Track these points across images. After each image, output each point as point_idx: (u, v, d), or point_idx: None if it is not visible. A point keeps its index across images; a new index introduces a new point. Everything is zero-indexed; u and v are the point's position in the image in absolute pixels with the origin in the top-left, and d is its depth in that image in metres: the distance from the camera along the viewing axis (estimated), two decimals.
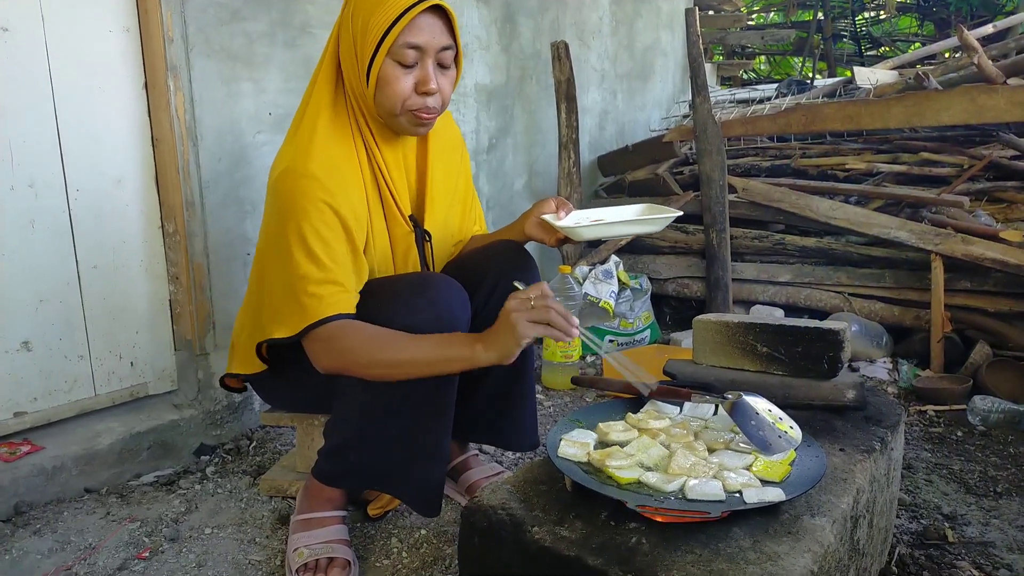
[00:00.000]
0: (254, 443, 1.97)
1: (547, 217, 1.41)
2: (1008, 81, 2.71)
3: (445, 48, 1.31)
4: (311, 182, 1.27)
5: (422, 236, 1.46)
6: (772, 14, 7.94)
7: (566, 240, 1.41)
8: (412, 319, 1.28)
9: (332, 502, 1.46)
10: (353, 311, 1.29)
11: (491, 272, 1.46)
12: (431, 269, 1.49)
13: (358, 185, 1.36)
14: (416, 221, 1.46)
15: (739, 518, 0.99)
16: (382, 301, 1.31)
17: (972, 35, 2.88)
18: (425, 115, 1.33)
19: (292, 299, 1.28)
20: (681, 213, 1.37)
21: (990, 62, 2.76)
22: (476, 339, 1.21)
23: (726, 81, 5.59)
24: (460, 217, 1.57)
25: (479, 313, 1.44)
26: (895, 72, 3.83)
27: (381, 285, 1.37)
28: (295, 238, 1.27)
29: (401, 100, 1.30)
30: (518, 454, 1.87)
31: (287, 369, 1.46)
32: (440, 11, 1.30)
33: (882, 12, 7.07)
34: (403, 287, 1.34)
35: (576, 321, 1.17)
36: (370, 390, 1.31)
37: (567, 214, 1.42)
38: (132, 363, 1.91)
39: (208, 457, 1.90)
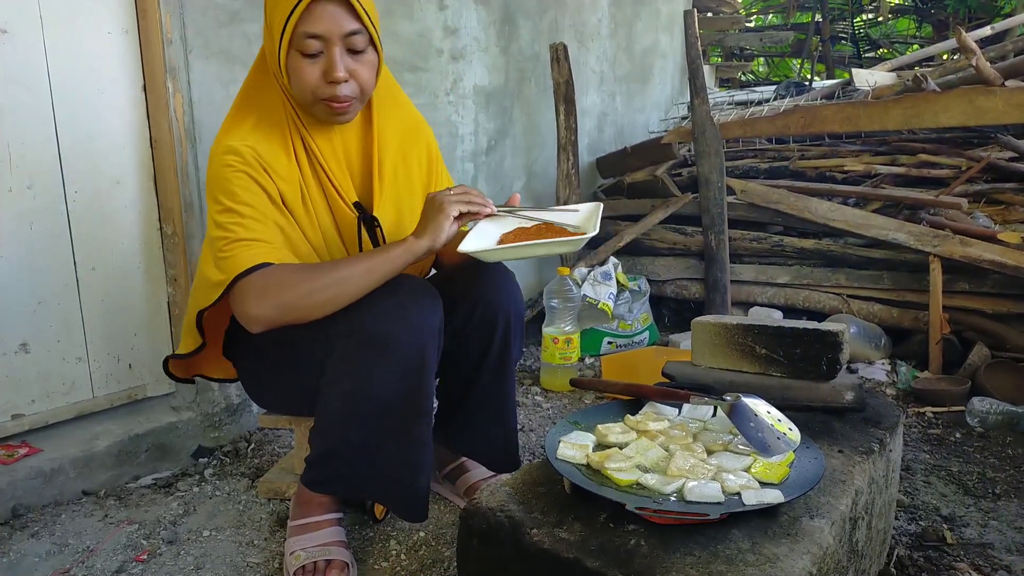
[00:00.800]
0: (252, 445, 1.97)
1: (470, 235, 1.34)
2: (1006, 83, 2.71)
3: (352, 33, 1.28)
4: (232, 156, 1.31)
5: (370, 222, 1.43)
6: (771, 16, 7.95)
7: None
8: (379, 326, 1.27)
9: (325, 505, 1.45)
10: (281, 263, 1.28)
11: (470, 294, 1.48)
12: None
13: (290, 171, 1.36)
14: (362, 207, 1.44)
15: (738, 520, 0.99)
16: (345, 308, 1.29)
17: (970, 37, 2.88)
18: (337, 104, 1.32)
19: (219, 261, 1.28)
20: (596, 233, 1.33)
21: (988, 64, 2.76)
22: (402, 244, 1.31)
23: (725, 83, 5.60)
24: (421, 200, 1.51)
25: (459, 333, 1.46)
26: (893, 74, 3.84)
27: None
28: (217, 206, 1.30)
29: (310, 90, 1.30)
30: None
31: (269, 367, 1.45)
32: None
33: (879, 15, 7.08)
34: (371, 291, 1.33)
35: (491, 203, 1.35)
36: (348, 398, 1.31)
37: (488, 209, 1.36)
38: (130, 365, 1.90)
39: (206, 459, 1.89)
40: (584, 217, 1.41)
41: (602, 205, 1.44)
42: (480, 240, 1.34)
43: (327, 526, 1.43)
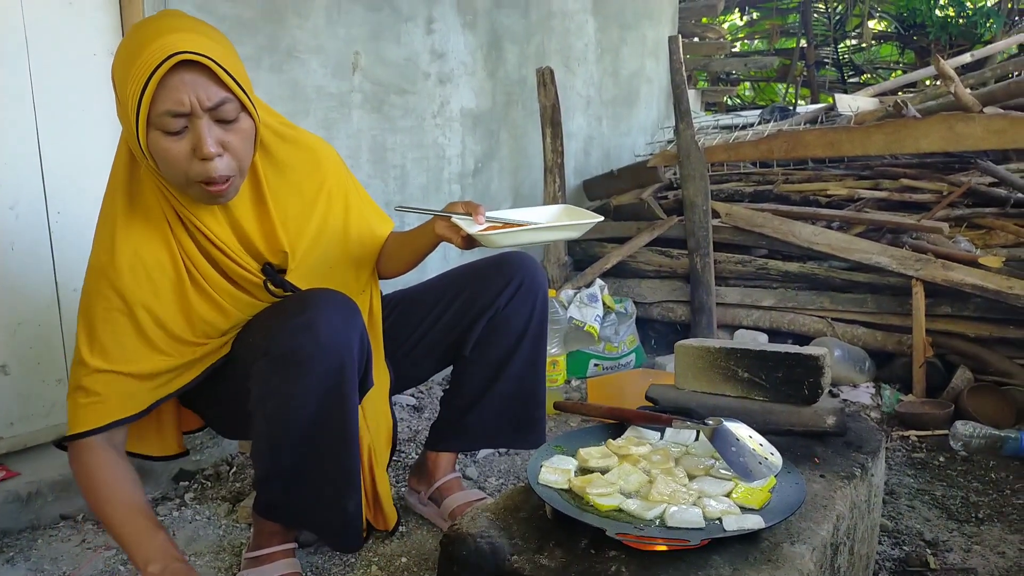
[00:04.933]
0: (234, 469, 1.95)
1: (459, 222, 1.29)
2: (984, 109, 2.76)
3: (218, 104, 1.14)
4: (102, 284, 1.24)
5: (281, 283, 1.36)
6: (756, 41, 8.07)
7: (473, 242, 1.29)
8: (289, 344, 1.23)
9: (279, 536, 1.43)
10: (110, 419, 1.25)
11: (515, 275, 1.55)
12: None
13: (164, 271, 1.28)
14: (272, 268, 1.36)
15: (719, 546, 0.98)
16: (261, 329, 1.30)
17: (949, 64, 2.93)
18: (214, 187, 1.18)
19: (70, 396, 1.27)
20: (601, 219, 1.31)
21: (966, 91, 2.81)
22: (160, 558, 1.19)
23: (711, 107, 5.67)
24: (343, 234, 1.45)
25: (499, 313, 1.53)
26: (875, 99, 3.90)
27: (266, 311, 1.35)
28: (80, 333, 1.26)
29: (182, 172, 1.17)
30: (501, 480, 1.86)
31: (207, 394, 1.42)
32: (199, 64, 1.12)
33: (862, 41, 7.21)
34: (283, 309, 1.30)
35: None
36: (271, 421, 1.29)
37: (483, 218, 1.31)
38: None
39: (187, 483, 1.87)
40: (553, 216, 1.42)
41: (569, 205, 1.45)
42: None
43: (280, 558, 1.41)
